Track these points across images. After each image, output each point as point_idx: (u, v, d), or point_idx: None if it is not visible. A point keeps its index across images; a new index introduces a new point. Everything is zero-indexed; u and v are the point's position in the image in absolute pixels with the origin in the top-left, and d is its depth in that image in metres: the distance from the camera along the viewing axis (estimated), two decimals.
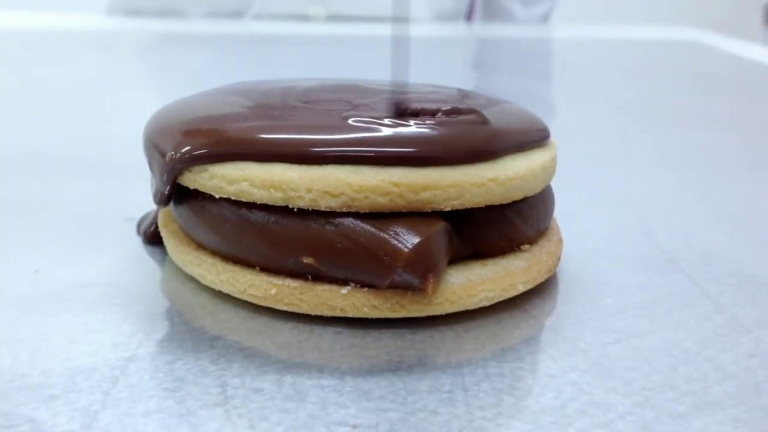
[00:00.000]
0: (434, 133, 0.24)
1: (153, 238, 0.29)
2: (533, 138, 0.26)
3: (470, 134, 0.25)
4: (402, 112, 0.26)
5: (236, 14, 0.98)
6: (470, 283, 0.24)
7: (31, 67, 0.68)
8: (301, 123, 0.25)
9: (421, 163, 0.23)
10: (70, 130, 0.47)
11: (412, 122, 0.25)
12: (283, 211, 0.23)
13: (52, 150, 0.42)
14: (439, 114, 0.26)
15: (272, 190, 0.23)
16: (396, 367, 0.22)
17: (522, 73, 0.30)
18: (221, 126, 0.25)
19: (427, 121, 0.25)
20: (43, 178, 0.37)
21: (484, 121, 0.25)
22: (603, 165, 0.42)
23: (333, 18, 0.97)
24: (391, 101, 0.27)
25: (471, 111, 0.26)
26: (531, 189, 0.25)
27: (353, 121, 0.25)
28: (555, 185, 0.28)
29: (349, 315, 0.24)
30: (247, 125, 0.25)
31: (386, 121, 0.25)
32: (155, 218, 0.30)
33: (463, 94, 0.30)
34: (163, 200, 0.26)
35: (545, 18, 1.07)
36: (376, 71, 0.34)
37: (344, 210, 0.23)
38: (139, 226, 0.31)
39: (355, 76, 0.32)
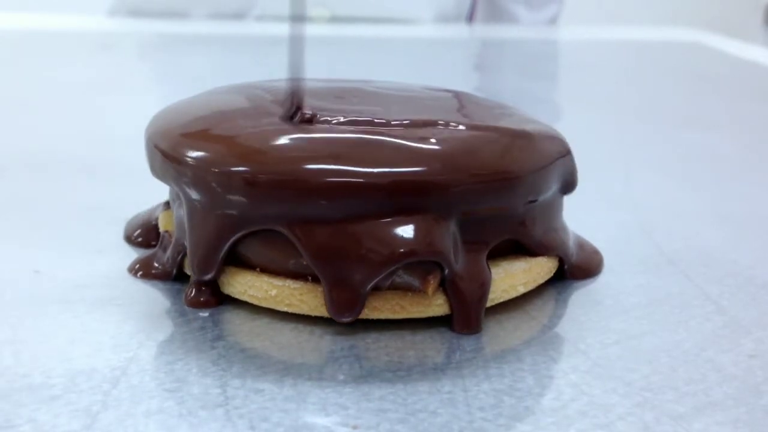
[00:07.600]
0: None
1: (143, 246, 0.29)
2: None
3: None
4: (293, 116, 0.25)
5: (238, 15, 0.98)
6: None
7: (33, 68, 0.68)
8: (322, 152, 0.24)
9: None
10: (71, 130, 0.47)
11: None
12: None
13: (53, 150, 0.42)
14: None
15: None
16: (396, 368, 0.22)
17: (524, 74, 0.30)
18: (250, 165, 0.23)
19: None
20: (43, 177, 0.37)
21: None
22: (603, 165, 0.42)
23: (336, 19, 0.97)
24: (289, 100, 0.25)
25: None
26: None
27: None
28: None
29: None
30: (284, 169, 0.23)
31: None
32: (141, 225, 0.29)
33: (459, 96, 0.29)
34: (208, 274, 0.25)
35: (552, 22, 1.06)
36: (378, 72, 0.34)
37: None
38: (125, 230, 0.30)
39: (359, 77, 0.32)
